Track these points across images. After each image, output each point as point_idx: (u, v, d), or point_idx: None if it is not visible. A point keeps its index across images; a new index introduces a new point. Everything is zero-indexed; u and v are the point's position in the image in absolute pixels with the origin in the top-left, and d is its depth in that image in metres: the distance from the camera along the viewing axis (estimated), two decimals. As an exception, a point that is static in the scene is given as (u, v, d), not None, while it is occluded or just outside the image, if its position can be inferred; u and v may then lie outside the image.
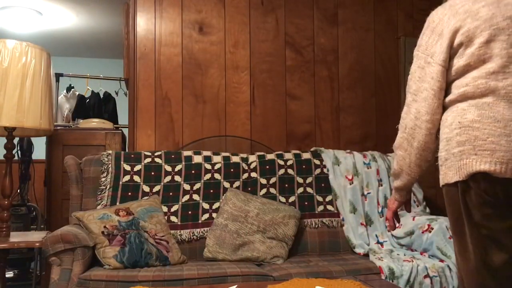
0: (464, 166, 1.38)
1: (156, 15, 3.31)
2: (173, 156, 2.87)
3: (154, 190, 2.75)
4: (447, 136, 1.45)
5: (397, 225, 1.87)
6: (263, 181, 2.88)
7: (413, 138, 1.54)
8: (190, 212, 2.73)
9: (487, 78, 1.40)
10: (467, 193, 1.38)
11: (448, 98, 1.49)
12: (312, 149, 3.16)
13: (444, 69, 1.47)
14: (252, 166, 2.92)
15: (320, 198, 2.91)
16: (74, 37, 5.80)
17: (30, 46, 2.71)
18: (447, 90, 1.50)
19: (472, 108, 1.41)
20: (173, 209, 2.72)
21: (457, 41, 1.45)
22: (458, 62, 1.45)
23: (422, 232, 2.61)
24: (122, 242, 2.34)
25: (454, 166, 1.40)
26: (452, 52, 1.47)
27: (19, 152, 3.65)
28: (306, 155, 3.03)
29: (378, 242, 2.82)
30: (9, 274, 3.72)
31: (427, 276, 2.36)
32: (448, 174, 1.42)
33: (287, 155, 3.01)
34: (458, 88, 1.45)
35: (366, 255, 2.67)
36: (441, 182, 1.47)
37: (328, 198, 2.92)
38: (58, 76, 4.11)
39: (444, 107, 1.51)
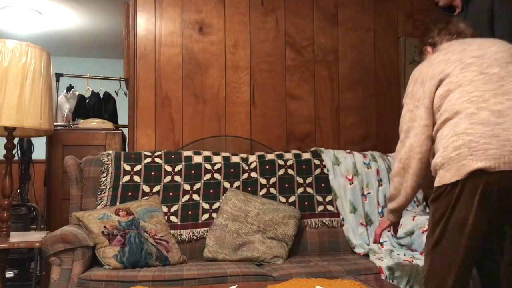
0: (463, 166, 1.59)
1: (156, 15, 3.32)
2: (173, 156, 2.87)
3: (154, 190, 2.75)
4: (444, 145, 1.68)
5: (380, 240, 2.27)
6: (263, 181, 2.88)
7: (409, 167, 1.86)
8: (190, 212, 2.73)
9: (468, 96, 1.68)
10: (465, 189, 1.59)
11: (440, 121, 1.75)
12: (312, 149, 3.16)
13: (428, 110, 1.80)
14: (252, 166, 2.92)
15: (320, 198, 2.91)
16: (74, 37, 5.80)
17: (30, 46, 2.71)
18: (435, 117, 1.79)
19: (462, 119, 1.66)
20: (173, 209, 2.72)
21: (438, 79, 1.78)
22: (440, 89, 1.77)
23: (422, 232, 2.61)
24: (122, 242, 2.34)
25: (453, 168, 1.61)
26: (436, 87, 1.79)
27: (19, 152, 3.65)
28: (306, 155, 3.03)
29: (378, 242, 2.81)
30: (9, 274, 3.72)
31: (427, 276, 2.36)
32: (447, 176, 1.63)
33: (287, 155, 3.01)
34: (446, 109, 1.73)
35: (366, 255, 2.67)
36: (438, 184, 1.67)
37: (328, 198, 2.92)
38: (58, 76, 4.10)
39: (438, 130, 1.77)
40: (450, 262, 1.63)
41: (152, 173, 2.78)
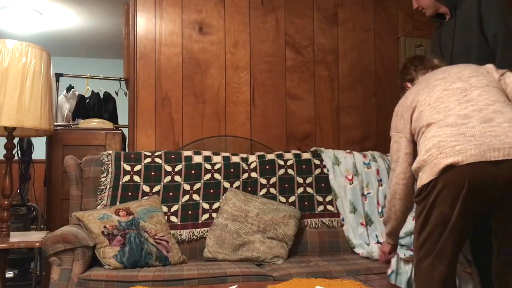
0: (435, 166, 1.71)
1: (156, 15, 3.32)
2: (173, 156, 2.87)
3: (154, 190, 2.75)
4: (419, 151, 1.84)
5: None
6: (263, 181, 2.88)
7: (396, 192, 2.05)
8: (190, 212, 2.73)
9: (435, 110, 1.85)
10: (440, 186, 1.70)
11: (419, 138, 1.90)
12: (312, 149, 3.15)
13: (407, 140, 1.99)
14: (252, 166, 2.92)
15: (320, 198, 2.91)
16: (74, 37, 5.80)
17: (30, 46, 2.71)
18: (415, 137, 1.95)
19: (432, 126, 1.82)
20: (173, 209, 2.72)
21: (411, 108, 1.97)
22: (415, 114, 1.95)
23: (422, 232, 2.61)
24: (122, 242, 2.34)
25: (427, 169, 1.74)
26: (411, 115, 1.97)
27: (19, 152, 3.65)
28: (306, 155, 3.03)
29: (378, 242, 2.81)
30: (9, 274, 3.72)
31: (427, 276, 2.36)
32: (423, 177, 1.75)
33: (287, 155, 3.01)
34: (421, 126, 1.88)
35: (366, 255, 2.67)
36: (418, 185, 1.79)
37: (328, 198, 2.92)
38: (58, 76, 4.10)
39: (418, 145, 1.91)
40: (433, 253, 1.74)
41: (152, 173, 2.78)
